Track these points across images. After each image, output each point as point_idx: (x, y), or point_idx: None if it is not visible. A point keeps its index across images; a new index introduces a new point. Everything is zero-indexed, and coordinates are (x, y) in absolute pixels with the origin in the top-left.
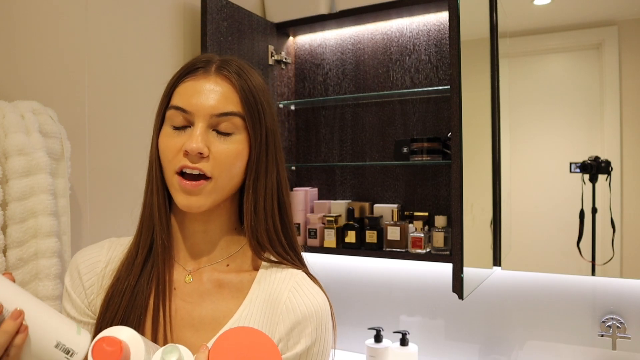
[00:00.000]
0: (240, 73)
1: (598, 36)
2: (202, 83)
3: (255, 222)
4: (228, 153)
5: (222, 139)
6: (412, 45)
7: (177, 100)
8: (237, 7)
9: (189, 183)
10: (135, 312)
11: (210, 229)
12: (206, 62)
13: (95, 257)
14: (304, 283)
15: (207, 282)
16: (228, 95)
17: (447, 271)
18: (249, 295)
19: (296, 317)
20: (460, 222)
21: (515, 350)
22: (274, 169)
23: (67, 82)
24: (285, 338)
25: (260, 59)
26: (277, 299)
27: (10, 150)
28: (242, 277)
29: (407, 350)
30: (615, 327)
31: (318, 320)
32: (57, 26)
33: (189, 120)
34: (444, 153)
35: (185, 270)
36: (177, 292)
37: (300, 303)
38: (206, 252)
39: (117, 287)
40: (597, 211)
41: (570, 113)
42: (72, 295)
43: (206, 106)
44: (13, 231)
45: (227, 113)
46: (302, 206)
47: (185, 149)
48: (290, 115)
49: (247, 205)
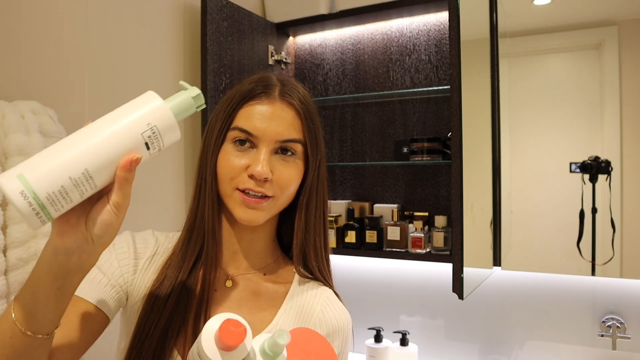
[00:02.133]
0: (302, 100)
1: (598, 36)
2: (267, 108)
3: (306, 238)
4: (289, 177)
5: (284, 163)
6: (412, 45)
7: (242, 122)
8: (237, 7)
9: (253, 200)
10: (180, 315)
11: (255, 239)
12: (267, 85)
13: (147, 238)
14: (334, 299)
15: (244, 289)
16: (292, 122)
17: (447, 271)
18: (283, 305)
19: (327, 330)
20: (460, 222)
21: (515, 350)
22: (322, 191)
23: (67, 82)
24: None
25: (260, 59)
26: (310, 312)
27: (10, 150)
28: (277, 288)
29: (407, 350)
30: (615, 327)
31: (344, 335)
32: (57, 26)
33: (253, 142)
34: (444, 153)
35: (226, 274)
36: (216, 297)
37: (331, 317)
38: (248, 259)
39: (162, 290)
40: (597, 211)
41: (570, 113)
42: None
43: (272, 132)
44: (13, 231)
45: (291, 140)
46: None
47: (251, 173)
48: None
49: (299, 222)
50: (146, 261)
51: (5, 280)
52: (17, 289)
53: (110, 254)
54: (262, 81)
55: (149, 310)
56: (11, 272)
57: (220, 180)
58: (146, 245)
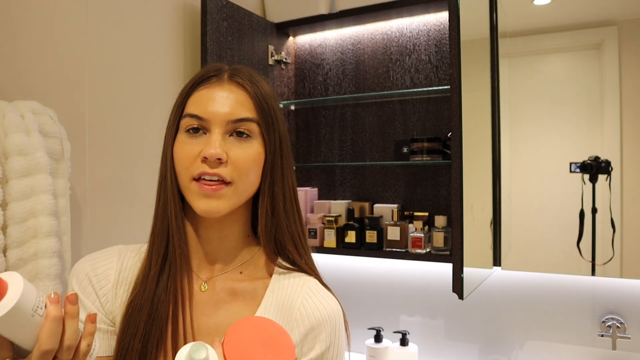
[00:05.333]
0: (252, 80)
1: (598, 36)
2: (216, 91)
3: (272, 226)
4: (246, 157)
5: (239, 145)
6: (412, 45)
7: (192, 108)
8: (237, 7)
9: (209, 187)
10: (157, 325)
11: (224, 236)
12: (218, 70)
13: (106, 265)
14: (317, 289)
15: (221, 290)
16: (243, 102)
17: (447, 271)
18: (262, 302)
19: (310, 323)
20: (460, 222)
21: (515, 350)
22: (288, 174)
23: (67, 82)
24: (300, 344)
25: (260, 59)
26: (291, 306)
27: (10, 150)
28: (256, 284)
29: (407, 350)
30: (615, 327)
31: (332, 326)
32: (57, 26)
33: (205, 127)
34: (444, 153)
35: (200, 278)
36: (192, 301)
37: (314, 309)
38: (220, 259)
39: (135, 302)
40: (597, 211)
41: (570, 113)
42: (85, 301)
43: (222, 113)
44: (13, 231)
45: (243, 119)
46: (302, 206)
47: (203, 155)
48: (290, 115)
49: (262, 209)
50: (114, 281)
51: None
52: None
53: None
54: (213, 67)
55: (126, 325)
56: None
57: (178, 172)
58: (106, 273)
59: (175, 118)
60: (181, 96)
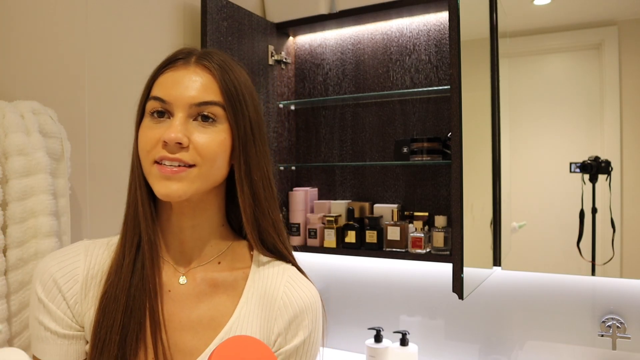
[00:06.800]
0: (221, 64)
1: (598, 36)
2: (181, 73)
3: (257, 215)
4: (209, 142)
5: (202, 129)
6: (412, 45)
7: (156, 91)
8: (237, 7)
9: (169, 169)
10: (135, 317)
11: (198, 225)
12: (187, 53)
13: (73, 264)
14: (297, 277)
15: (201, 282)
16: (208, 85)
17: (447, 271)
18: (244, 293)
19: (294, 311)
20: (460, 222)
21: (515, 350)
22: (264, 161)
23: (67, 82)
24: (284, 332)
25: (260, 59)
26: (273, 295)
27: (10, 150)
28: (236, 274)
29: (407, 350)
30: (615, 327)
31: (313, 313)
32: (57, 26)
33: (169, 111)
34: (444, 153)
35: (178, 271)
36: (172, 295)
37: (296, 297)
38: (197, 250)
39: (110, 293)
40: (597, 211)
41: (570, 113)
42: (51, 306)
43: (185, 96)
44: (13, 231)
45: (207, 102)
46: (302, 206)
47: (163, 139)
48: (290, 115)
49: (243, 197)
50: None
51: (5, 280)
52: (17, 288)
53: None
54: (183, 50)
55: (101, 317)
56: (11, 272)
57: (141, 157)
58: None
59: (142, 102)
60: (149, 80)
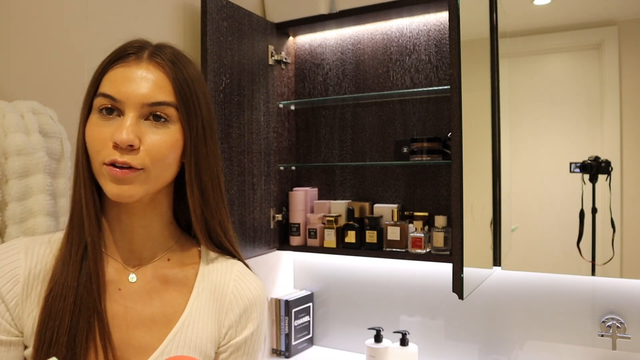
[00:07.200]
0: (175, 61)
1: (598, 36)
2: (133, 70)
3: (206, 215)
4: (161, 144)
5: (154, 129)
6: (412, 45)
7: (106, 87)
8: (237, 7)
9: (120, 171)
10: (84, 316)
11: (148, 224)
12: (139, 47)
13: (13, 264)
14: (245, 272)
15: (152, 279)
16: (160, 84)
17: (447, 271)
18: (195, 288)
19: (244, 304)
20: (460, 222)
21: (515, 350)
22: (214, 162)
23: (67, 82)
24: (234, 325)
25: (260, 59)
26: (224, 290)
27: (10, 150)
28: (186, 271)
29: (407, 350)
30: (615, 327)
31: (260, 305)
32: (57, 26)
33: (119, 109)
34: (444, 153)
35: (127, 269)
36: (123, 293)
37: (246, 291)
38: (147, 248)
39: (56, 291)
40: (597, 211)
41: (570, 113)
42: None
43: (137, 95)
44: (12, 231)
45: (159, 102)
46: (302, 206)
47: (114, 141)
48: (290, 115)
49: (194, 199)
50: (23, 289)
51: None
52: None
53: None
54: (135, 43)
55: (46, 317)
56: None
57: (90, 155)
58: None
59: (89, 96)
60: (96, 72)
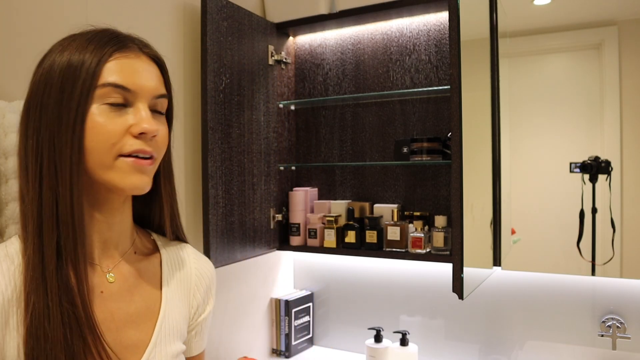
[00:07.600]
0: (160, 57)
1: (598, 36)
2: (137, 62)
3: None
4: (165, 135)
5: (159, 120)
6: (412, 45)
7: (115, 78)
8: (237, 7)
9: (146, 161)
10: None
11: (124, 219)
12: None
13: None
14: (197, 253)
15: (129, 276)
16: (159, 78)
17: (447, 271)
18: (163, 277)
19: (207, 283)
20: (460, 222)
21: (515, 350)
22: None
23: None
24: (202, 303)
25: (260, 59)
26: (188, 273)
27: (10, 151)
28: (150, 260)
29: (407, 350)
30: (615, 327)
31: (215, 282)
32: (57, 26)
33: (128, 99)
34: (444, 153)
35: (103, 270)
36: (105, 295)
37: (205, 270)
38: (121, 244)
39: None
40: (597, 211)
41: (570, 113)
42: None
43: (149, 86)
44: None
45: (163, 95)
46: (302, 206)
47: (141, 131)
48: (290, 115)
49: (165, 191)
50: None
51: None
52: None
53: None
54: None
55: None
56: None
57: (95, 151)
58: None
59: (86, 88)
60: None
